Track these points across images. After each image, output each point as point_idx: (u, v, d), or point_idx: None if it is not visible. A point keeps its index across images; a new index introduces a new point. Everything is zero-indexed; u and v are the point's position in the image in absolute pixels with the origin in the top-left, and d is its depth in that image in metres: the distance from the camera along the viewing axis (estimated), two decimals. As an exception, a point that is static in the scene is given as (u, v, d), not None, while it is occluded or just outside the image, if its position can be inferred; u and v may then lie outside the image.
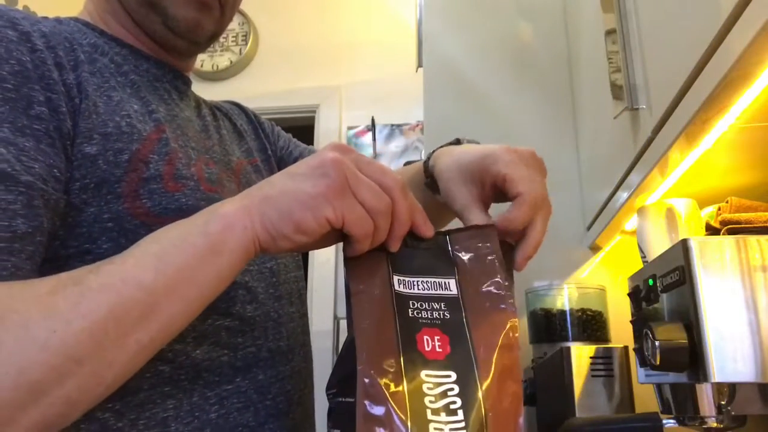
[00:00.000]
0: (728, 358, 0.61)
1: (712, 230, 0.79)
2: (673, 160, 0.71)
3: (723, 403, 0.66)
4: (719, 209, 0.79)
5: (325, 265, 2.22)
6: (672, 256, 0.68)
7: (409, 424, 0.41)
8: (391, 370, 0.42)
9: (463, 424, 0.41)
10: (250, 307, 0.59)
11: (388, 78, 2.40)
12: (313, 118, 2.45)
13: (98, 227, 0.51)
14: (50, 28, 0.55)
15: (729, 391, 0.66)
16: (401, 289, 0.47)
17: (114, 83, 0.58)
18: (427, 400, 0.42)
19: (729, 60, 0.50)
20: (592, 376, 0.91)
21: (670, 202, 0.85)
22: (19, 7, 1.95)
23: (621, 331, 1.04)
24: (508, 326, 0.46)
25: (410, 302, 0.46)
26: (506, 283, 0.49)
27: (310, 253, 2.25)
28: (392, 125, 2.38)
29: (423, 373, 0.43)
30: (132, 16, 0.63)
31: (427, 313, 0.46)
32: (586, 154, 1.22)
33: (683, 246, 0.65)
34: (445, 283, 0.49)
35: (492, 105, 1.35)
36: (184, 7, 0.62)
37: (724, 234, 0.75)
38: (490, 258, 0.51)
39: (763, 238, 0.65)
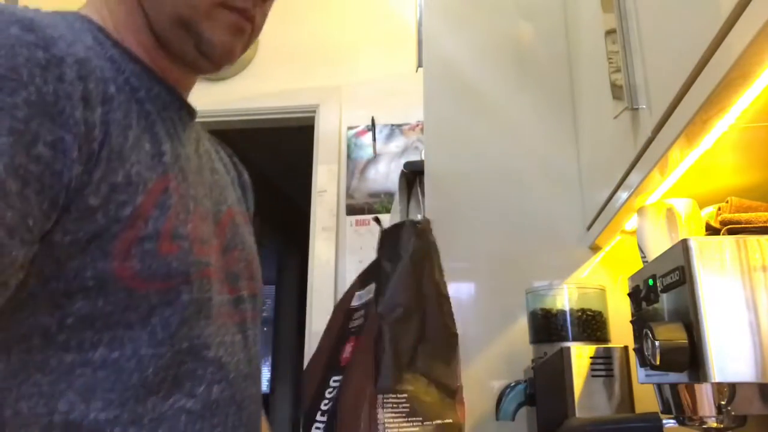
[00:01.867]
0: (728, 358, 0.61)
1: (712, 230, 0.79)
2: (673, 160, 0.71)
3: (723, 403, 0.66)
4: (719, 209, 0.79)
5: (326, 266, 2.22)
6: (672, 256, 0.68)
7: None
8: None
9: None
10: (217, 388, 0.55)
11: (388, 78, 2.40)
12: (313, 118, 2.45)
13: (77, 284, 0.48)
14: (85, 52, 0.51)
15: (729, 391, 0.66)
16: None
17: (133, 115, 0.54)
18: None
19: (729, 60, 0.50)
20: (592, 376, 0.91)
21: (670, 202, 0.85)
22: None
23: (621, 331, 1.04)
24: None
25: None
26: None
27: (310, 252, 2.25)
28: (392, 125, 2.38)
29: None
30: (158, 34, 0.59)
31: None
32: (586, 154, 1.22)
33: (683, 246, 0.65)
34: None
35: (492, 105, 1.35)
36: (220, 32, 0.60)
37: (724, 234, 0.75)
38: None
39: (763, 238, 0.65)
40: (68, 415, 0.47)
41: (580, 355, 0.92)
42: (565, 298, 1.04)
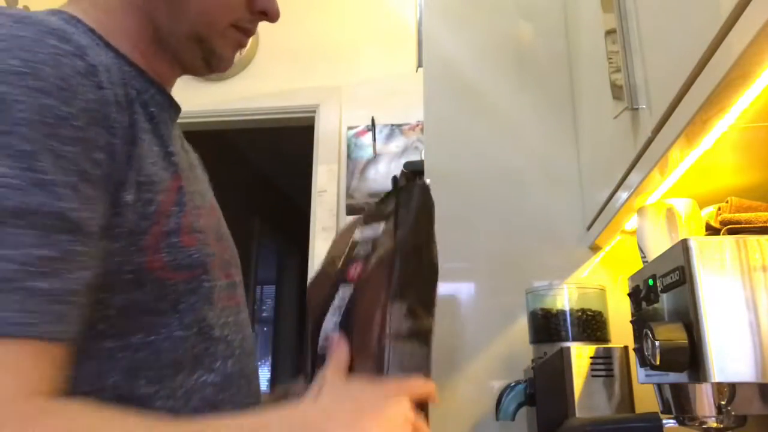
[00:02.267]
0: (728, 358, 0.61)
1: (712, 230, 0.79)
2: (673, 160, 0.71)
3: (723, 403, 0.66)
4: (719, 209, 0.79)
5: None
6: (672, 256, 0.68)
7: None
8: None
9: None
10: (230, 362, 0.60)
11: (388, 78, 2.40)
12: (313, 118, 2.46)
13: (118, 278, 0.51)
14: (105, 57, 0.54)
15: (729, 391, 0.66)
16: None
17: (143, 117, 0.57)
18: None
19: (729, 60, 0.50)
20: (592, 376, 0.91)
21: (670, 202, 0.85)
22: (19, 6, 1.95)
23: (621, 331, 1.04)
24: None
25: None
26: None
27: (310, 252, 2.25)
28: (392, 125, 2.38)
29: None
30: (167, 45, 0.62)
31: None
32: (586, 154, 1.22)
33: (683, 246, 0.65)
34: None
35: (492, 105, 1.35)
36: (229, 48, 0.66)
37: (724, 234, 0.75)
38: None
39: (763, 238, 0.65)
40: (117, 392, 0.51)
41: (580, 355, 0.92)
42: (565, 298, 1.04)
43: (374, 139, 2.36)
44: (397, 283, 0.63)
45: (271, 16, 0.69)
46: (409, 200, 0.72)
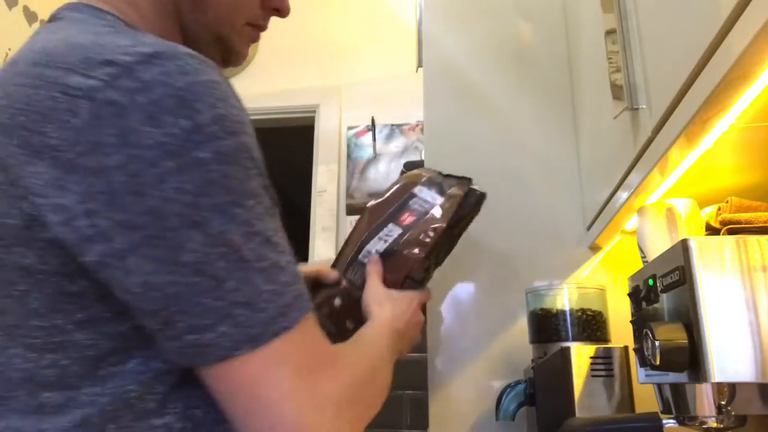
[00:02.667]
0: (728, 358, 0.61)
1: (712, 230, 0.79)
2: (673, 160, 0.71)
3: (723, 403, 0.66)
4: (719, 209, 0.79)
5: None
6: (672, 256, 0.68)
7: None
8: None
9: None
10: None
11: (388, 78, 2.41)
12: (313, 118, 2.46)
13: None
14: None
15: (729, 391, 0.66)
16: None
17: None
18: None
19: (729, 60, 0.50)
20: (592, 376, 0.91)
21: (670, 202, 0.85)
22: (19, 7, 1.95)
23: (621, 331, 1.04)
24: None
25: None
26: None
27: (310, 252, 2.25)
28: (392, 125, 2.38)
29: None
30: (189, 44, 0.63)
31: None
32: (586, 154, 1.22)
33: (683, 246, 0.65)
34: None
35: (492, 105, 1.35)
36: (244, 45, 0.71)
37: (724, 234, 0.75)
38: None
39: (763, 238, 0.65)
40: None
41: (580, 355, 0.92)
42: (565, 298, 1.04)
43: (374, 139, 2.36)
44: (431, 249, 0.92)
45: (283, 12, 0.73)
46: (469, 199, 0.97)
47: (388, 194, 1.02)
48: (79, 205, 0.46)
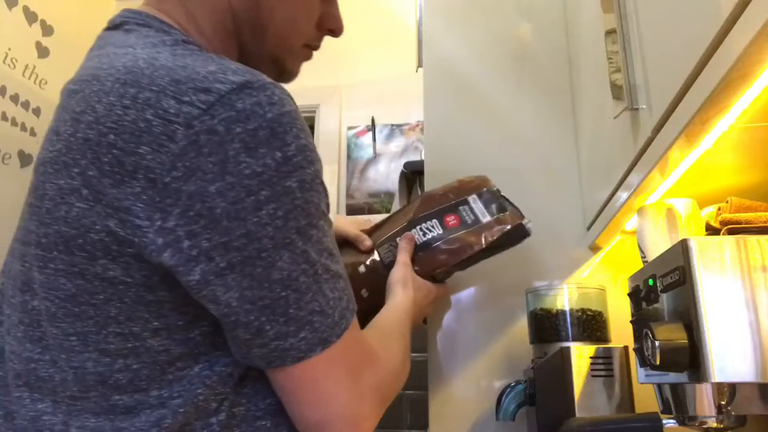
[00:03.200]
0: (728, 358, 0.61)
1: (712, 230, 0.79)
2: (673, 160, 0.71)
3: (723, 403, 0.66)
4: (719, 209, 0.79)
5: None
6: (672, 256, 0.68)
7: None
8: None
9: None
10: None
11: (388, 78, 2.40)
12: (313, 118, 2.46)
13: None
14: None
15: (729, 391, 0.66)
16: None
17: None
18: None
19: (729, 60, 0.50)
20: (592, 376, 0.91)
21: (670, 202, 0.85)
22: (19, 7, 1.95)
23: (621, 331, 1.04)
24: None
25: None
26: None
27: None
28: (392, 125, 2.38)
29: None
30: (247, 63, 0.65)
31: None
32: (586, 154, 1.22)
33: (683, 246, 0.65)
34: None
35: (492, 105, 1.35)
36: (297, 64, 0.75)
37: (724, 234, 0.75)
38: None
39: (763, 238, 0.65)
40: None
41: (580, 355, 0.92)
42: (565, 298, 1.04)
43: (374, 139, 2.36)
44: (462, 261, 0.99)
45: (337, 32, 0.79)
46: (516, 233, 1.02)
47: (445, 189, 1.06)
48: (182, 228, 0.50)
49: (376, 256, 1.01)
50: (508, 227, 1.01)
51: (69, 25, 2.17)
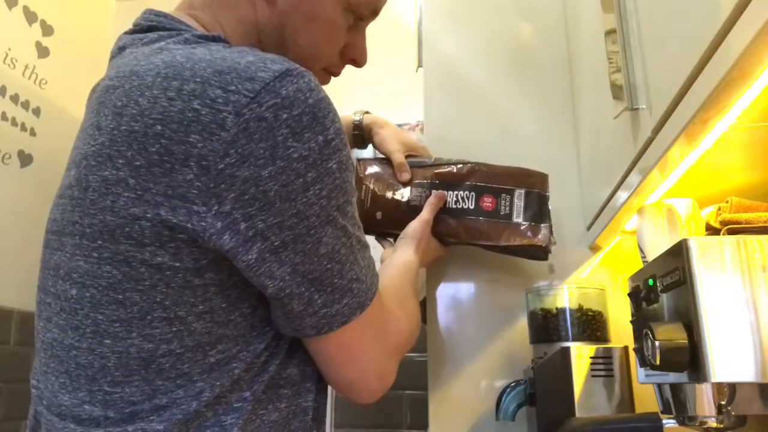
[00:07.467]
0: (728, 358, 0.61)
1: (712, 230, 0.79)
2: (673, 160, 0.71)
3: (723, 403, 0.66)
4: (719, 209, 0.79)
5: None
6: (672, 256, 0.68)
7: None
8: None
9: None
10: None
11: (388, 78, 2.40)
12: (313, 118, 2.45)
13: None
14: None
15: (729, 391, 0.66)
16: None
17: None
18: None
19: (729, 60, 0.50)
20: (592, 376, 0.91)
21: (670, 202, 0.85)
22: (19, 7, 1.95)
23: (621, 331, 1.04)
24: None
25: None
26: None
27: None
28: (392, 125, 2.37)
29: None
30: None
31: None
32: (586, 154, 1.22)
33: (683, 246, 0.65)
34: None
35: (492, 105, 1.35)
36: (323, 81, 0.78)
37: (724, 234, 0.75)
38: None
39: (763, 238, 0.65)
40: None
41: (580, 355, 0.92)
42: (565, 298, 1.04)
43: (374, 139, 2.35)
44: (474, 244, 1.03)
45: (359, 63, 0.82)
46: (535, 253, 1.05)
47: (504, 169, 1.06)
48: (237, 211, 0.52)
49: (405, 191, 1.03)
50: (530, 242, 1.01)
51: (69, 25, 2.17)
